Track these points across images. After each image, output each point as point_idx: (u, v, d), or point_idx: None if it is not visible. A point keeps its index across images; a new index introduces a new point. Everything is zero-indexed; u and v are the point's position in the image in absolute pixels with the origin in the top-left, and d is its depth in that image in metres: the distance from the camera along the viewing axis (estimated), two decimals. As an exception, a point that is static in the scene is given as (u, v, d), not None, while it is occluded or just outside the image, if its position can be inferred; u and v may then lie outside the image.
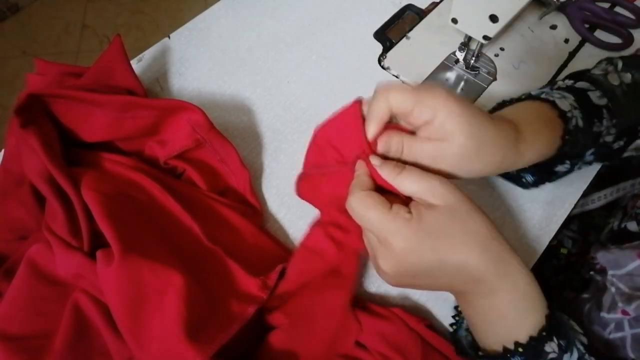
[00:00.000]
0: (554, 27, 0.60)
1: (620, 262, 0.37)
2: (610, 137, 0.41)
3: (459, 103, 0.32)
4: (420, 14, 0.62)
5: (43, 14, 1.69)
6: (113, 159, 0.44)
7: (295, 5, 0.63)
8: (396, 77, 0.56)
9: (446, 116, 0.31)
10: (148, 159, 0.47)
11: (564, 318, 0.33)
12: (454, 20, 0.51)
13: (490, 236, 0.31)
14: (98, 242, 0.38)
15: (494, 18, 0.47)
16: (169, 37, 0.60)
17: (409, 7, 0.63)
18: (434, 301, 0.43)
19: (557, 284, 0.52)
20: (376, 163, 0.33)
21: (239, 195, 0.47)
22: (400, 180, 0.32)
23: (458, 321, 0.39)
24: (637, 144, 0.44)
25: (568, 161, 0.41)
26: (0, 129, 1.36)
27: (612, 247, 0.38)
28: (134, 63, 0.56)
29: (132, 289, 0.35)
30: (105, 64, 0.49)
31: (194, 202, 0.44)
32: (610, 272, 0.37)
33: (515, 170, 0.44)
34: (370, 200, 0.32)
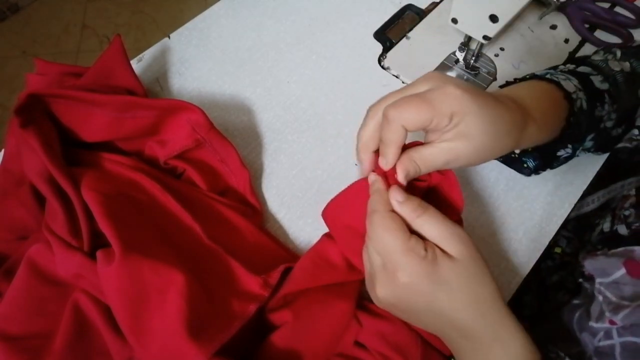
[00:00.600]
0: (554, 27, 0.60)
1: (606, 270, 0.36)
2: (610, 123, 0.41)
3: (473, 99, 0.30)
4: (420, 14, 0.62)
5: (43, 14, 1.69)
6: (113, 159, 0.44)
7: (295, 5, 0.63)
8: (396, 77, 0.56)
9: (462, 117, 0.30)
10: (148, 159, 0.47)
11: None
12: (454, 20, 0.51)
13: (492, 300, 0.31)
14: (98, 242, 0.38)
15: (494, 18, 0.47)
16: (169, 37, 0.60)
17: (409, 7, 0.63)
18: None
19: (551, 285, 0.52)
20: (399, 199, 0.32)
21: (239, 195, 0.47)
22: (420, 223, 0.31)
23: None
24: (631, 134, 0.44)
25: (570, 145, 0.41)
26: (0, 129, 1.37)
27: (599, 254, 0.38)
28: (134, 63, 0.56)
29: (133, 288, 0.35)
30: (105, 64, 0.49)
31: (194, 202, 0.44)
32: (598, 280, 0.37)
33: (517, 155, 0.44)
34: (392, 224, 0.30)
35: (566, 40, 0.59)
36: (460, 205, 0.37)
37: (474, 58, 0.56)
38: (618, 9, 0.60)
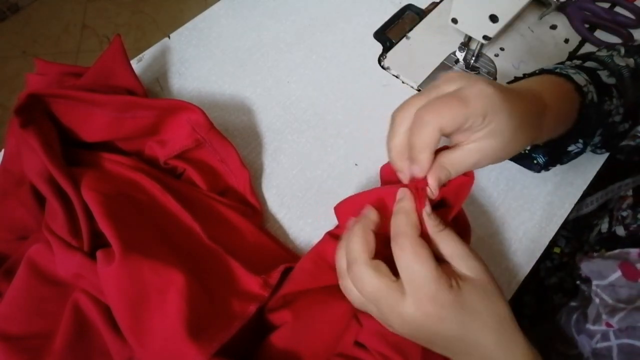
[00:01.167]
0: (554, 27, 0.60)
1: (602, 273, 0.36)
2: (618, 117, 0.41)
3: (504, 97, 0.30)
4: (420, 14, 0.62)
5: (43, 14, 1.69)
6: (113, 159, 0.44)
7: (295, 5, 0.63)
8: (396, 77, 0.56)
9: (494, 116, 0.29)
10: (148, 159, 0.47)
11: None
12: (454, 20, 0.51)
13: (507, 319, 0.30)
14: (98, 242, 0.38)
15: (494, 18, 0.47)
16: (169, 37, 0.60)
17: (409, 7, 0.63)
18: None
19: (550, 286, 0.52)
20: (427, 211, 0.31)
21: (239, 195, 0.47)
22: (441, 238, 0.31)
23: None
24: (635, 130, 0.44)
25: (581, 140, 0.41)
26: (0, 129, 1.37)
27: (596, 257, 0.38)
28: (134, 63, 0.56)
29: (133, 288, 0.35)
30: (105, 64, 0.49)
31: (194, 202, 0.44)
32: (595, 283, 0.37)
33: (527, 151, 0.44)
34: (424, 252, 0.29)
35: (566, 40, 0.59)
36: (457, 209, 0.36)
37: (474, 58, 0.56)
38: (618, 9, 0.60)
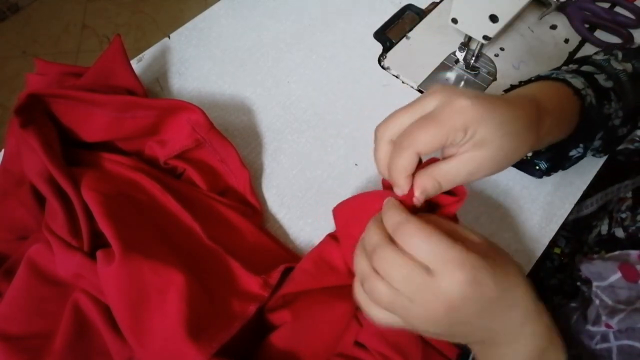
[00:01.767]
0: (554, 27, 0.60)
1: (602, 274, 0.36)
2: (617, 121, 0.41)
3: (483, 105, 0.29)
4: (420, 14, 0.62)
5: (43, 14, 1.69)
6: (113, 159, 0.44)
7: (295, 5, 0.63)
8: (396, 77, 0.56)
9: (477, 127, 0.29)
10: (148, 159, 0.47)
11: None
12: (454, 20, 0.51)
13: (530, 295, 0.30)
14: (98, 242, 0.38)
15: (494, 18, 0.47)
16: (169, 37, 0.60)
17: (409, 7, 0.63)
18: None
19: (550, 287, 0.52)
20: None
21: (239, 195, 0.47)
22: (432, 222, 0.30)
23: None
24: (633, 134, 0.44)
25: (582, 144, 0.41)
26: (0, 129, 1.37)
27: (596, 258, 0.38)
28: (134, 63, 0.56)
29: (133, 288, 0.35)
30: (105, 64, 0.49)
31: (194, 202, 0.44)
32: (595, 284, 0.37)
33: (529, 157, 0.44)
34: (428, 228, 0.27)
35: (566, 40, 0.59)
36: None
37: (474, 58, 0.56)
38: (618, 9, 0.60)
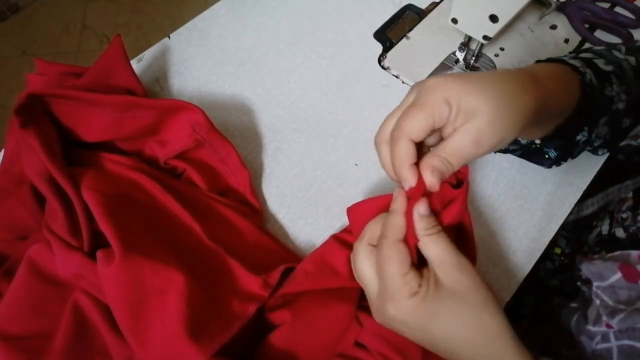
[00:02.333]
0: (554, 27, 0.60)
1: (603, 274, 0.37)
2: (621, 104, 0.40)
3: (457, 77, 0.30)
4: (420, 14, 0.62)
5: (43, 14, 1.69)
6: (113, 159, 0.44)
7: (295, 5, 0.63)
8: (396, 77, 0.56)
9: (459, 96, 0.29)
10: (148, 159, 0.47)
11: None
12: (454, 20, 0.51)
13: (496, 335, 0.31)
14: (98, 242, 0.38)
15: (494, 18, 0.47)
16: (169, 37, 0.60)
17: (409, 7, 0.63)
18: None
19: (550, 288, 0.52)
20: (421, 212, 0.31)
21: (239, 195, 0.47)
22: (426, 241, 0.31)
23: None
24: (637, 130, 0.44)
25: (586, 128, 0.40)
26: (0, 129, 1.36)
27: (596, 258, 0.38)
28: (134, 63, 0.56)
29: (133, 288, 0.35)
30: (105, 64, 0.49)
31: (194, 202, 0.44)
32: (595, 284, 0.37)
33: (538, 145, 0.43)
34: (396, 256, 0.31)
35: (566, 40, 0.59)
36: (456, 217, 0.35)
37: (474, 58, 0.56)
38: (618, 9, 0.60)
